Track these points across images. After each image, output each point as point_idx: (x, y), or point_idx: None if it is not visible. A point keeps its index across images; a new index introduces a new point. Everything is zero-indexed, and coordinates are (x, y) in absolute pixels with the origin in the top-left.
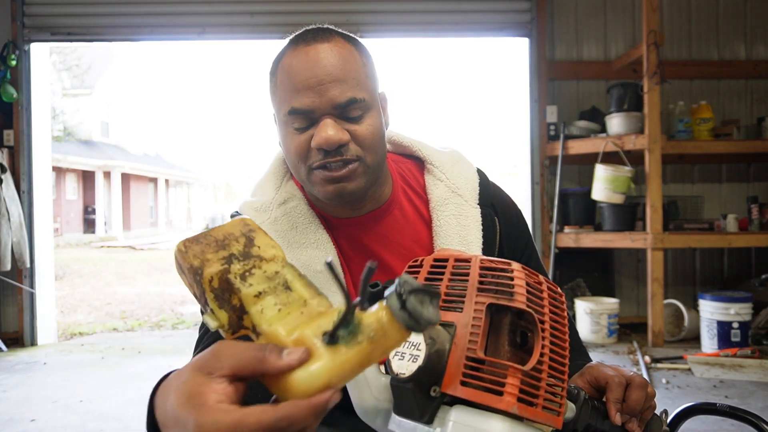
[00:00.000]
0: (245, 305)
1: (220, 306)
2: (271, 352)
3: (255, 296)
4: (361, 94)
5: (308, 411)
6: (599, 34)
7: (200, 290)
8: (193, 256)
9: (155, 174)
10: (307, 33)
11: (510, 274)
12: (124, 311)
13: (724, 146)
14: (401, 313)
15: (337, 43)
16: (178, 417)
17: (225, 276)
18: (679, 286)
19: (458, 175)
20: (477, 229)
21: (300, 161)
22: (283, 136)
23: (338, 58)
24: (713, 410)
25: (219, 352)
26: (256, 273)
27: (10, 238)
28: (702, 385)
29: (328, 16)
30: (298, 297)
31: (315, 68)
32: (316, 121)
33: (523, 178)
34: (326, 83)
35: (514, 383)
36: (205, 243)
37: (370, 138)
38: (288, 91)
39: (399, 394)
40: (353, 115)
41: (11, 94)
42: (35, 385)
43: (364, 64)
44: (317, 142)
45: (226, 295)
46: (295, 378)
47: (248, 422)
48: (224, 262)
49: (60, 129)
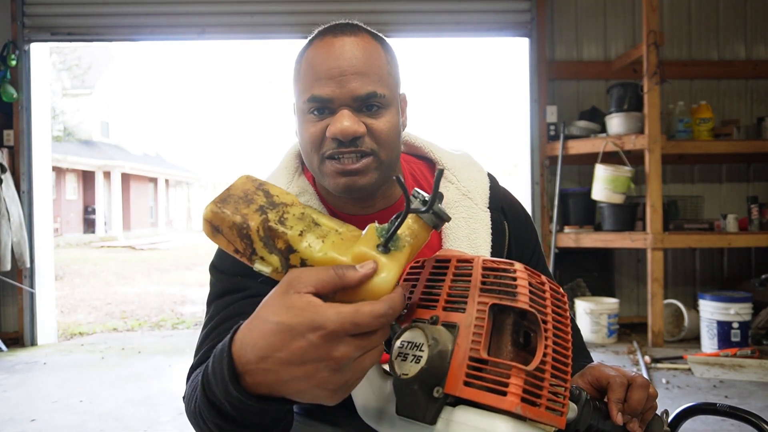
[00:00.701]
0: (292, 245)
1: (270, 252)
2: (347, 269)
3: (299, 235)
4: (381, 90)
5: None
6: (599, 34)
7: (246, 242)
8: (232, 214)
9: (155, 174)
10: (335, 26)
11: (513, 274)
12: (124, 311)
13: (724, 146)
14: (428, 216)
15: (363, 38)
16: (292, 328)
17: (267, 224)
18: (679, 286)
19: (469, 179)
20: (486, 233)
21: (313, 149)
22: (300, 123)
23: (362, 52)
24: (713, 410)
25: (298, 275)
26: (288, 217)
27: (10, 238)
28: (702, 385)
29: (328, 17)
30: (329, 228)
31: (339, 59)
32: (333, 111)
33: (523, 178)
34: (348, 75)
35: (518, 383)
36: (233, 202)
37: (386, 134)
38: (310, 79)
39: (402, 394)
40: (372, 109)
41: (11, 94)
42: (35, 385)
43: (388, 62)
44: (333, 132)
45: (271, 241)
46: (374, 284)
47: (364, 310)
48: (261, 213)
49: (60, 129)
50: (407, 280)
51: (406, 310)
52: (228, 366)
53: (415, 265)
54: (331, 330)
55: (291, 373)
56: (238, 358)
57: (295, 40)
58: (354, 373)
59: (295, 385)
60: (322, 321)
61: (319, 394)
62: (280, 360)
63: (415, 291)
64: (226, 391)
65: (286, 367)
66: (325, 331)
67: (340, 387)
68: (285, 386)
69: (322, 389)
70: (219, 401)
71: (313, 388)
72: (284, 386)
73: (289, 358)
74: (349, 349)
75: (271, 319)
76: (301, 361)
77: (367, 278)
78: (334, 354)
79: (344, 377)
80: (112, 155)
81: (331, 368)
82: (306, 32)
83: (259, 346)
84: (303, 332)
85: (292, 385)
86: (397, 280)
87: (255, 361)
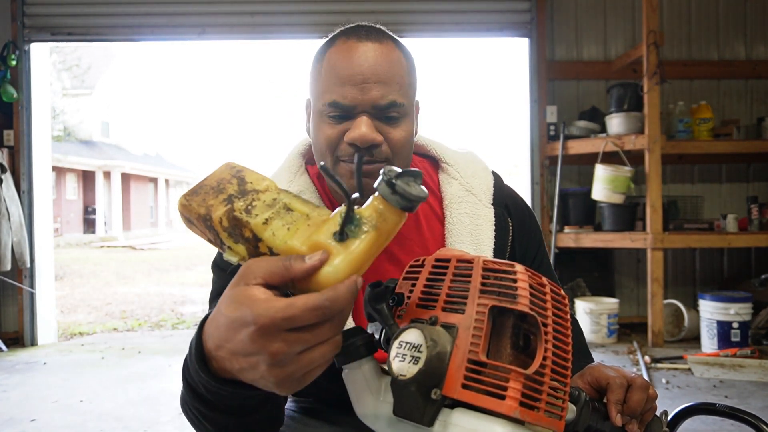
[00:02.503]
0: (257, 233)
1: (236, 241)
2: (295, 260)
3: (263, 223)
4: (401, 99)
5: (346, 290)
6: (599, 34)
7: (213, 233)
8: (197, 206)
9: (155, 174)
10: (360, 29)
11: (513, 276)
12: (124, 311)
13: (723, 146)
14: (393, 197)
15: (387, 46)
16: (233, 321)
17: (231, 214)
18: (679, 286)
19: (472, 175)
20: (489, 229)
21: (328, 151)
22: (316, 123)
23: (386, 61)
24: (712, 410)
25: (249, 266)
26: (257, 204)
27: (10, 238)
28: (702, 385)
29: (328, 16)
30: (300, 214)
31: (363, 65)
32: (353, 116)
33: (523, 178)
34: (371, 83)
35: (517, 387)
36: (203, 192)
37: (401, 143)
38: (331, 82)
39: (399, 395)
40: (390, 118)
41: (11, 94)
42: (35, 385)
43: (409, 72)
44: (351, 138)
45: (237, 230)
46: (322, 275)
47: (298, 304)
48: (227, 203)
49: (60, 129)
50: (406, 278)
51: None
52: (197, 350)
53: (415, 264)
54: (261, 325)
55: (239, 363)
56: (204, 343)
57: (295, 40)
58: (300, 367)
59: (246, 374)
60: (254, 316)
61: (266, 385)
62: (229, 351)
63: (414, 290)
64: (198, 374)
65: (235, 357)
66: (257, 327)
67: (283, 380)
68: (240, 374)
69: (266, 381)
70: (195, 384)
71: (259, 378)
72: (240, 374)
73: (235, 350)
74: (284, 345)
75: (222, 310)
76: (243, 353)
77: (315, 269)
78: (269, 349)
79: (285, 371)
80: (112, 155)
81: (269, 363)
82: (306, 32)
83: (215, 336)
84: (240, 327)
85: (244, 374)
86: (351, 270)
87: (214, 349)
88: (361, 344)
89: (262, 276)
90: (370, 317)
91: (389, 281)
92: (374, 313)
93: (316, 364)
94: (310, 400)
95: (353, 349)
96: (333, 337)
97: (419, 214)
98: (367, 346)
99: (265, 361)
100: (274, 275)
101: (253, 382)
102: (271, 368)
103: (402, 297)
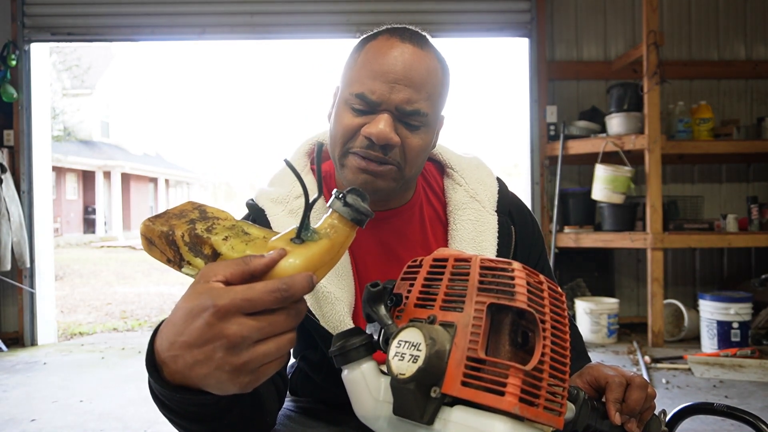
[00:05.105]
0: (216, 248)
1: (195, 255)
2: (254, 257)
3: (223, 239)
4: (427, 109)
5: (302, 279)
6: (599, 34)
7: (174, 249)
8: (160, 225)
9: (155, 174)
10: (406, 31)
11: (510, 273)
12: (124, 311)
13: (724, 146)
14: (345, 209)
15: (427, 54)
16: (192, 309)
17: (193, 232)
18: (679, 286)
19: (477, 181)
20: (492, 236)
21: (341, 140)
22: (339, 111)
23: (422, 67)
24: (711, 410)
25: (210, 267)
26: (218, 227)
27: (10, 238)
28: (702, 385)
29: (327, 16)
30: (257, 236)
31: (397, 65)
32: (376, 112)
33: (523, 178)
34: (401, 84)
35: (516, 383)
36: (167, 216)
37: (416, 151)
38: (363, 74)
39: (399, 394)
40: (411, 124)
41: (11, 94)
42: (35, 385)
43: (442, 84)
44: (369, 132)
45: (197, 246)
46: (280, 268)
47: (257, 286)
48: (189, 224)
49: (60, 129)
50: (404, 279)
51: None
52: (149, 357)
53: (413, 264)
54: (221, 306)
55: (193, 356)
56: (157, 348)
57: (296, 40)
58: (255, 357)
59: (198, 369)
60: (214, 299)
61: (220, 377)
62: (183, 343)
63: (412, 290)
64: (152, 380)
65: (189, 350)
66: (216, 308)
67: (238, 369)
68: (192, 372)
69: (221, 371)
70: (154, 390)
71: (214, 370)
72: (191, 372)
73: (189, 341)
74: (242, 328)
75: (179, 305)
76: (199, 341)
77: (273, 263)
78: (226, 332)
79: (240, 358)
80: (112, 155)
81: (225, 347)
82: (306, 32)
83: (168, 333)
84: (198, 312)
85: (196, 370)
86: (306, 267)
87: (166, 349)
88: (360, 345)
89: (223, 273)
90: (369, 318)
91: (387, 282)
92: (372, 314)
93: (271, 357)
94: (309, 400)
95: (352, 349)
96: (288, 332)
97: (424, 218)
98: (366, 346)
99: (222, 347)
100: (234, 272)
101: (206, 379)
102: (227, 354)
103: (400, 297)
